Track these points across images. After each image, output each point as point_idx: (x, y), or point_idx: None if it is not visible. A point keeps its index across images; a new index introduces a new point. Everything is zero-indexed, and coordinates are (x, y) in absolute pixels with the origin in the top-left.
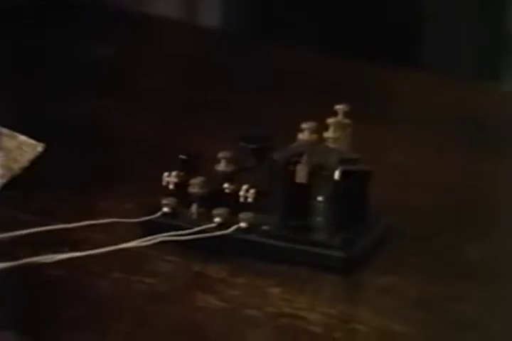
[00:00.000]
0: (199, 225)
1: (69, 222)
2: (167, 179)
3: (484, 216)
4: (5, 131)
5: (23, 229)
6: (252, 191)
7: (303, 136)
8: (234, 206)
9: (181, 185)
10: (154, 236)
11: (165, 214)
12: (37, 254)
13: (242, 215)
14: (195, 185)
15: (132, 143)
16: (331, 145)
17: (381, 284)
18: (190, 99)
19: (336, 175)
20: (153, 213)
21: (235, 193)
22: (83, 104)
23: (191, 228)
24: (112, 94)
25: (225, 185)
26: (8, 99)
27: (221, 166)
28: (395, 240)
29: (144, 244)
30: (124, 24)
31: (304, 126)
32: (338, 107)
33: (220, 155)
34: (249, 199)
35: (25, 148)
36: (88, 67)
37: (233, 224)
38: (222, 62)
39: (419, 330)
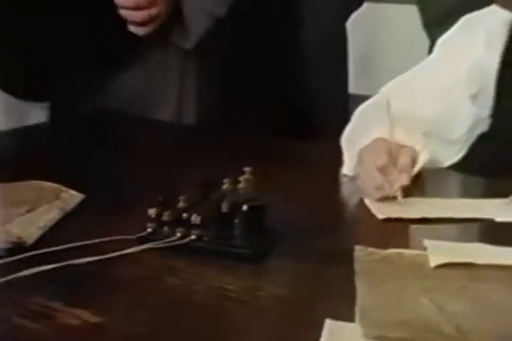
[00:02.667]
0: (169, 238)
1: (93, 239)
2: (150, 212)
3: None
4: (63, 188)
5: (69, 243)
6: (198, 217)
7: (225, 185)
8: (188, 226)
9: (159, 215)
10: (143, 245)
11: (149, 232)
12: (75, 258)
13: (193, 231)
14: (166, 216)
15: (134, 190)
16: (242, 190)
17: (278, 268)
18: (169, 165)
19: (244, 207)
20: (142, 232)
21: (189, 219)
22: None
23: (164, 239)
24: (129, 163)
25: (184, 215)
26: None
27: (180, 204)
28: (287, 243)
29: (138, 250)
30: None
31: (224, 180)
32: (246, 169)
33: (180, 197)
34: (197, 222)
35: (74, 197)
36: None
37: (188, 237)
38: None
39: (301, 294)
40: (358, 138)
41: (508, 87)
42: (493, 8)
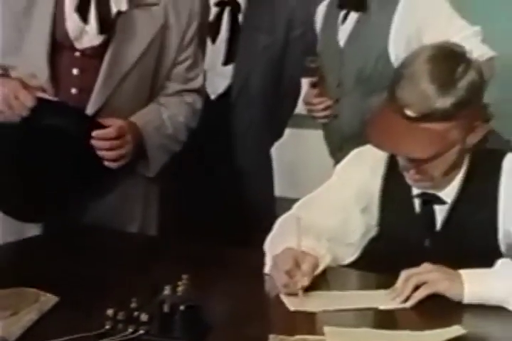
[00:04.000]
0: (122, 333)
1: (63, 336)
2: (108, 312)
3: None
4: (41, 292)
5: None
6: (146, 316)
7: (166, 291)
8: (138, 323)
9: (115, 315)
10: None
11: (107, 329)
12: None
13: (141, 327)
14: (121, 315)
15: (98, 292)
16: (181, 293)
17: None
18: (130, 270)
19: (182, 307)
20: (101, 328)
21: (139, 317)
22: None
23: (119, 335)
24: (99, 269)
25: (135, 314)
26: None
27: (133, 305)
28: (218, 334)
29: None
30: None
31: (165, 287)
32: (184, 276)
33: (133, 299)
34: (145, 320)
35: (50, 300)
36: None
37: (138, 332)
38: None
39: None
40: (275, 245)
41: (389, 204)
42: None
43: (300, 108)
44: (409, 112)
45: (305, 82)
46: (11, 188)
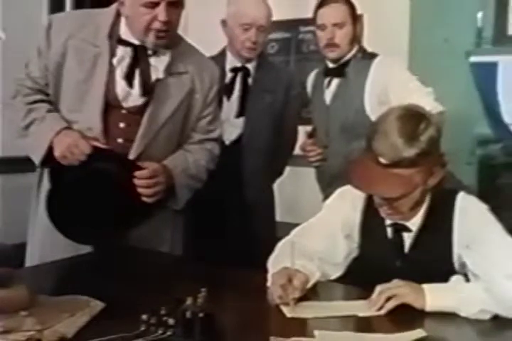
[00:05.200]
0: (153, 334)
1: (107, 335)
2: (143, 317)
3: None
4: (91, 299)
5: (92, 338)
6: (173, 320)
7: (188, 301)
8: (166, 326)
9: (148, 319)
10: (137, 340)
11: (142, 330)
12: None
13: (169, 329)
14: (153, 320)
15: (134, 302)
16: (200, 304)
17: None
18: (161, 284)
19: (201, 315)
20: (137, 330)
21: (167, 321)
22: (126, 284)
23: (151, 335)
24: (137, 282)
25: (164, 319)
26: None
27: (162, 312)
28: (230, 337)
29: None
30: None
31: (188, 299)
32: (202, 289)
33: (162, 307)
34: (172, 323)
35: (98, 306)
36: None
37: (166, 333)
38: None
39: None
40: (275, 264)
41: (367, 231)
42: None
43: (298, 150)
44: (382, 160)
45: (301, 131)
46: (71, 217)
